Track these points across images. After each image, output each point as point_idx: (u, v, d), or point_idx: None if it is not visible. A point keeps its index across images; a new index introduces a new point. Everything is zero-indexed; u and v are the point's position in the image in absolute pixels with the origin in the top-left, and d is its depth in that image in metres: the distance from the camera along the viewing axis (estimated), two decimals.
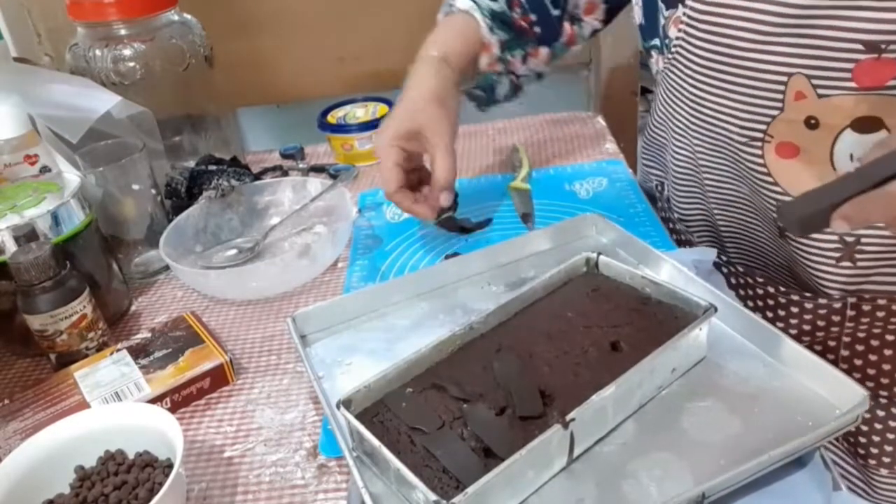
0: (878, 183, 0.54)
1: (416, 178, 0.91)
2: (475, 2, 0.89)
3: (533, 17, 0.93)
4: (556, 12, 0.95)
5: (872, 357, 0.82)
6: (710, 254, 0.81)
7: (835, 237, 0.76)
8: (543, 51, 0.97)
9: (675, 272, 0.76)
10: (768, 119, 0.73)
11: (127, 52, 1.07)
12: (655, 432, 0.61)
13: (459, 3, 0.90)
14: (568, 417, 0.57)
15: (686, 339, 0.64)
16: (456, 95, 0.89)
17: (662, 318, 0.68)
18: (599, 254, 0.77)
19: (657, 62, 0.84)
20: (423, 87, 0.85)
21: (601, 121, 1.29)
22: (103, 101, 0.97)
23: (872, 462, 0.86)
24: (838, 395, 0.60)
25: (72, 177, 0.89)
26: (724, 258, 0.91)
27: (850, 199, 0.55)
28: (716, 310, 0.66)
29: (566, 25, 0.97)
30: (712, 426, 0.61)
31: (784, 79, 0.70)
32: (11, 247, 0.78)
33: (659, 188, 1.02)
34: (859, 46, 0.64)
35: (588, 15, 0.98)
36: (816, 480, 0.56)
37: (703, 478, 0.55)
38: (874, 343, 0.82)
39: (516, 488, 0.56)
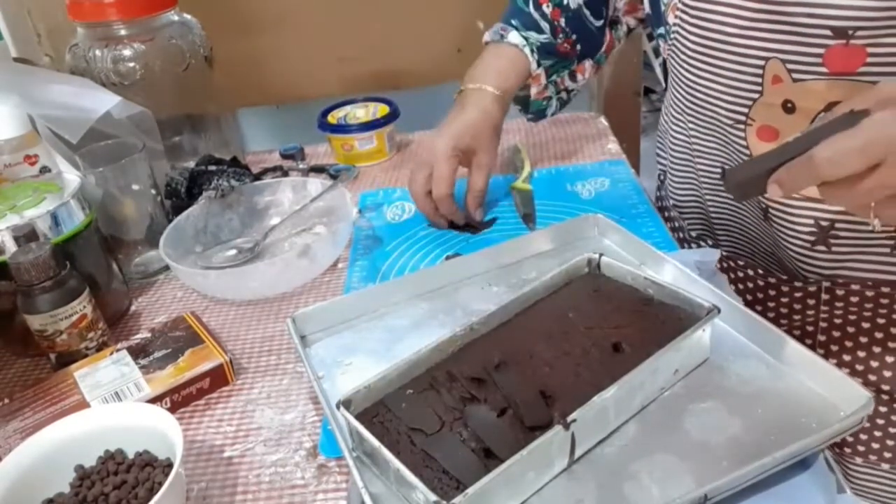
0: None
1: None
2: (525, 38, 0.97)
3: (574, 38, 1.00)
4: (598, 23, 1.02)
5: (848, 343, 0.84)
6: (714, 255, 0.81)
7: (810, 221, 0.78)
8: (587, 64, 1.05)
9: (677, 273, 0.76)
10: (749, 102, 0.76)
11: (127, 52, 1.07)
12: (657, 434, 0.61)
13: (511, 37, 0.97)
14: (569, 418, 0.57)
15: (689, 340, 0.64)
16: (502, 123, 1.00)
17: (665, 320, 0.68)
18: (601, 254, 0.76)
19: (663, 50, 0.86)
20: (485, 114, 0.95)
21: (603, 121, 1.29)
22: (103, 101, 0.97)
23: (848, 451, 0.88)
24: (842, 396, 0.60)
25: (72, 177, 0.89)
26: (710, 242, 0.94)
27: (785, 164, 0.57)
28: (719, 311, 0.66)
29: (607, 32, 1.04)
30: (715, 427, 0.60)
31: (762, 63, 0.72)
32: (11, 247, 0.78)
33: (661, 177, 1.04)
34: (828, 32, 0.67)
35: (628, 15, 1.04)
36: (820, 483, 0.56)
37: (705, 479, 0.54)
38: (850, 329, 0.83)
39: (517, 489, 0.56)
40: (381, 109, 1.25)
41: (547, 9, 0.99)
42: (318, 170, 1.23)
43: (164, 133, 1.07)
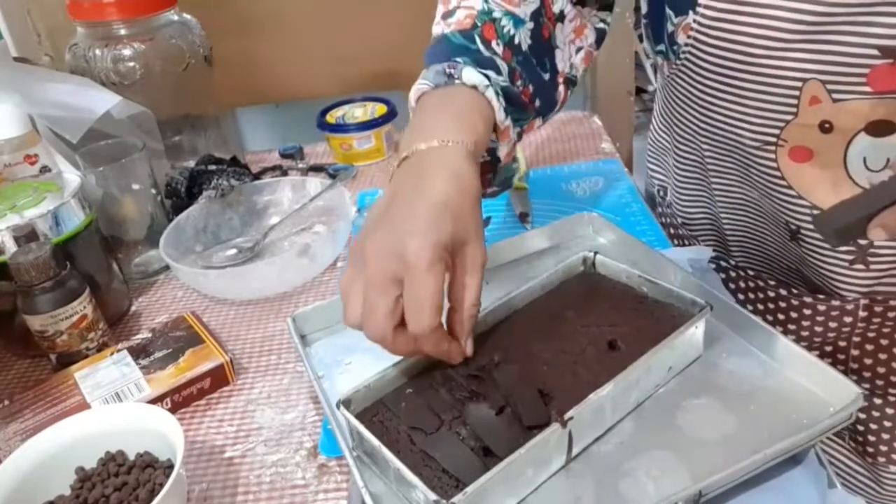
0: None
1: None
2: (485, 76, 0.69)
3: (531, 89, 0.77)
4: (546, 77, 0.81)
5: (882, 356, 0.82)
6: (706, 252, 0.81)
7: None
8: (536, 123, 0.82)
9: (671, 271, 0.77)
10: (782, 124, 0.72)
11: (127, 52, 1.07)
12: (652, 431, 0.62)
13: (467, 76, 0.68)
14: (566, 416, 0.57)
15: (682, 337, 0.64)
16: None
17: (659, 317, 0.69)
18: (596, 253, 0.77)
19: (662, 68, 0.84)
20: (460, 183, 0.62)
21: (597, 120, 1.29)
22: (103, 101, 0.97)
23: (882, 460, 0.86)
24: (833, 392, 0.60)
25: (72, 177, 0.89)
26: (732, 262, 0.91)
27: (887, 207, 0.55)
28: (711, 308, 0.66)
29: (561, 89, 0.84)
30: (708, 424, 0.61)
31: (799, 84, 0.69)
32: (11, 247, 0.78)
33: (661, 193, 1.01)
34: (875, 52, 0.64)
35: (585, 65, 0.87)
36: (812, 478, 0.57)
37: (699, 476, 0.55)
38: (884, 343, 0.82)
39: (515, 487, 0.57)
40: (380, 109, 1.26)
41: (497, 47, 0.74)
42: (317, 169, 1.23)
43: (164, 133, 1.07)
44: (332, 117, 1.26)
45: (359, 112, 1.26)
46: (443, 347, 0.62)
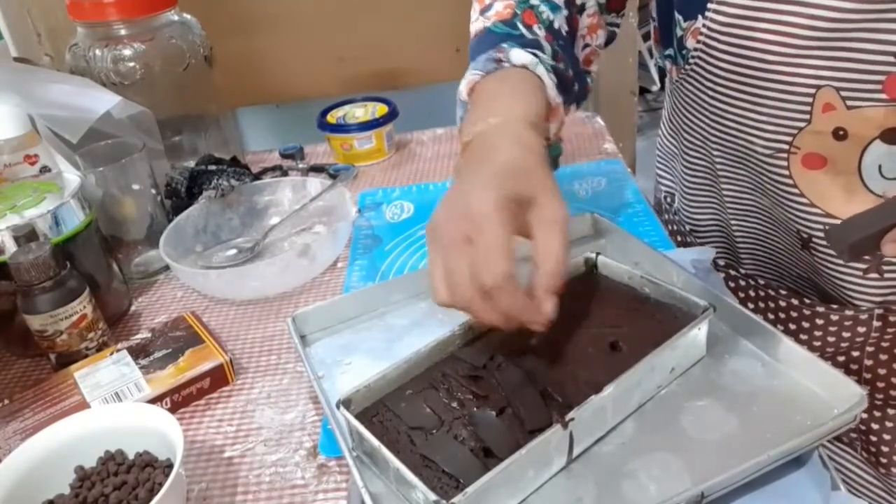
0: None
1: None
2: (534, 55, 0.69)
3: (571, 73, 0.75)
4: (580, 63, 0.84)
5: None
6: (709, 253, 0.81)
7: None
8: (571, 109, 0.81)
9: (673, 272, 0.76)
10: (794, 131, 0.72)
11: (127, 52, 1.07)
12: (654, 432, 0.61)
13: (516, 56, 0.69)
14: (567, 417, 0.57)
15: (685, 338, 0.64)
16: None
17: (661, 318, 0.68)
18: (598, 254, 0.77)
19: (671, 73, 0.83)
20: (528, 149, 0.62)
21: (600, 120, 1.29)
22: (103, 101, 0.97)
23: (895, 471, 0.86)
24: (837, 394, 0.60)
25: (72, 177, 0.89)
26: (743, 271, 0.90)
27: None
28: (714, 309, 0.66)
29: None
30: (711, 425, 0.61)
31: (812, 91, 0.68)
32: (11, 247, 0.78)
33: (668, 199, 1.01)
34: (891, 59, 0.64)
35: (586, 66, 0.88)
36: (815, 480, 0.56)
37: (701, 477, 0.55)
38: None
39: (516, 488, 0.57)
40: (380, 109, 1.26)
41: (539, 31, 0.74)
42: (318, 169, 1.23)
43: (164, 133, 1.07)
44: (332, 117, 1.26)
45: (359, 112, 1.26)
46: (519, 302, 0.58)
